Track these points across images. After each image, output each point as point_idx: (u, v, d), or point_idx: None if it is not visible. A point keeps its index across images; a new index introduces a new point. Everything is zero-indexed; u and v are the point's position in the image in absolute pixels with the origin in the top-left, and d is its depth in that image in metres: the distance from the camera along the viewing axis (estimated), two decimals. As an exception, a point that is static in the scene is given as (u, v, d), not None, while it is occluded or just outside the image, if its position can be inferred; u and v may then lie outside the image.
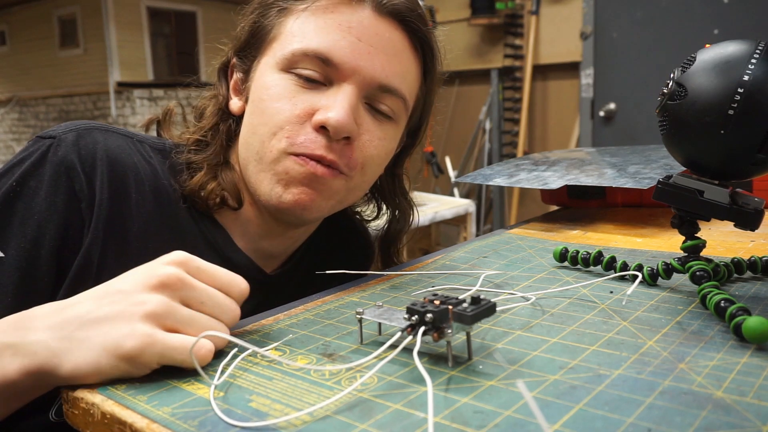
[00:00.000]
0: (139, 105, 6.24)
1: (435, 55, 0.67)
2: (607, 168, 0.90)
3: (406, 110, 0.66)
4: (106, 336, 0.40)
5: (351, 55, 0.59)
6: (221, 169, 0.66)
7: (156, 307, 0.41)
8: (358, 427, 0.33)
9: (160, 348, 0.40)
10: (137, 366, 0.40)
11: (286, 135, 0.59)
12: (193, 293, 0.43)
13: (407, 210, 0.78)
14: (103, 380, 0.40)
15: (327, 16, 0.60)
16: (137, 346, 0.39)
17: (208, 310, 0.44)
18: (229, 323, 0.45)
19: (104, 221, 0.58)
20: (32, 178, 0.57)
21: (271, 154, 0.60)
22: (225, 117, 0.68)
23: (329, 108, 0.58)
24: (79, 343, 0.40)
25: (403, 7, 0.62)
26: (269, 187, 0.61)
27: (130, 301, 0.41)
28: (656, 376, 0.36)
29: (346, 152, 0.61)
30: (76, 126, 0.61)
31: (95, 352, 0.40)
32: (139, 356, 0.39)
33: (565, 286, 0.56)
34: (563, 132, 3.71)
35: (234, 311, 0.45)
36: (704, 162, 0.48)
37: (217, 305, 0.44)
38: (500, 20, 3.75)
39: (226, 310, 0.45)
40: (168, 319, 0.41)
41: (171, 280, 0.42)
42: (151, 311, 0.41)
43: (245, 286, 0.47)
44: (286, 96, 0.60)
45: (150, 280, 0.42)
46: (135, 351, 0.39)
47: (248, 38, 0.65)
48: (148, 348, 0.39)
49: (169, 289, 0.42)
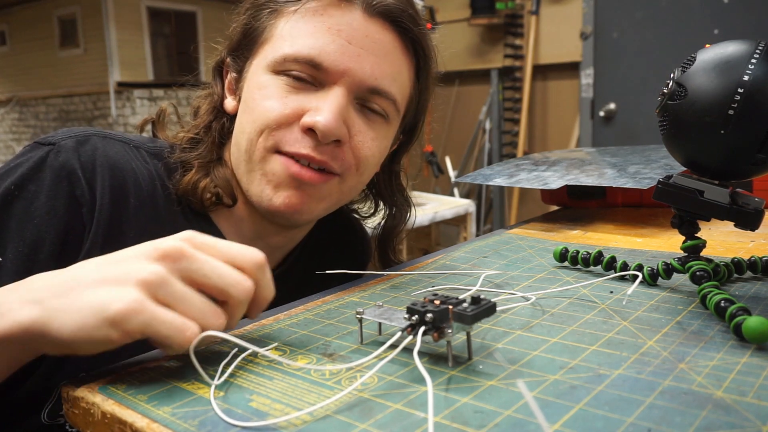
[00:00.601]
0: (139, 105, 6.24)
1: (428, 54, 0.67)
2: (607, 168, 0.90)
3: (398, 110, 0.66)
4: (95, 296, 0.39)
5: (341, 58, 0.59)
6: (213, 166, 0.66)
7: (150, 275, 0.39)
8: (358, 427, 0.33)
9: (146, 317, 0.38)
10: (120, 331, 0.38)
11: (272, 133, 0.60)
12: (194, 265, 0.41)
13: (404, 207, 0.78)
14: (87, 344, 0.38)
15: (317, 18, 0.60)
16: (122, 310, 0.38)
17: (211, 282, 0.41)
18: (240, 296, 0.42)
19: (104, 226, 0.58)
20: (31, 182, 0.57)
21: (259, 152, 0.61)
22: (219, 115, 0.68)
23: (318, 111, 0.59)
24: (71, 303, 0.39)
25: (394, 8, 0.62)
26: (259, 188, 0.62)
27: (128, 268, 0.40)
28: (656, 376, 0.36)
29: (338, 154, 0.61)
30: (75, 133, 0.61)
31: (82, 312, 0.38)
32: (123, 321, 0.38)
33: (565, 286, 0.56)
34: (563, 132, 3.71)
35: (243, 283, 0.42)
36: (704, 162, 0.48)
37: (220, 277, 0.41)
38: (500, 20, 3.75)
39: (234, 282, 0.42)
40: (160, 291, 0.39)
41: (172, 251, 0.41)
42: (144, 279, 0.39)
43: (259, 257, 0.44)
44: (275, 96, 0.60)
45: (153, 251, 0.41)
46: (119, 314, 0.38)
47: (241, 39, 0.66)
48: (133, 314, 0.38)
49: (169, 260, 0.41)
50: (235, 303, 0.42)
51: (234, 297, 0.42)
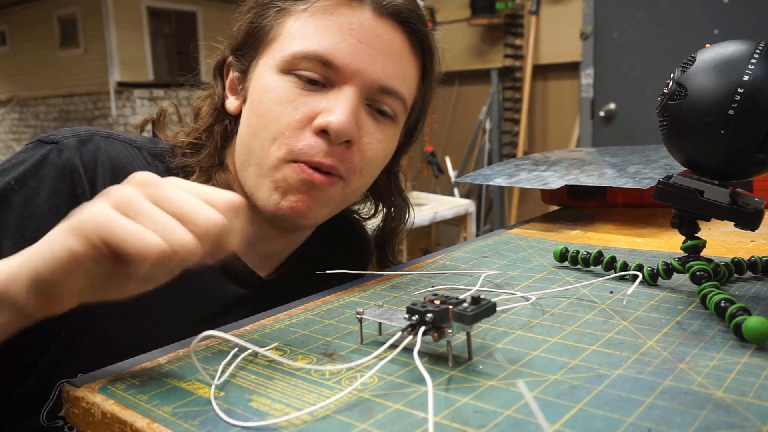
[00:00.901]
0: (139, 105, 6.24)
1: (434, 55, 0.67)
2: (607, 168, 0.90)
3: (405, 110, 0.66)
4: (70, 222, 0.38)
5: (352, 57, 0.59)
6: (215, 170, 0.66)
7: (118, 194, 0.39)
8: (358, 427, 0.33)
9: (104, 218, 0.37)
10: (78, 236, 0.37)
11: (285, 142, 0.59)
12: (162, 190, 0.39)
13: (403, 208, 0.78)
14: (51, 265, 0.38)
15: (327, 17, 0.60)
16: (83, 217, 0.37)
17: (178, 208, 0.39)
18: (207, 226, 0.39)
19: None
20: (32, 178, 0.57)
21: (270, 161, 0.60)
22: (221, 117, 0.68)
23: (330, 111, 0.58)
24: (48, 237, 0.39)
25: (403, 8, 0.62)
26: (267, 193, 0.61)
27: (100, 198, 0.39)
28: (656, 376, 0.36)
29: (346, 156, 0.60)
30: (77, 132, 0.61)
31: (56, 235, 0.38)
32: (82, 225, 0.37)
33: (565, 286, 0.56)
34: (563, 132, 3.71)
35: (212, 214, 0.39)
36: (704, 162, 0.48)
37: (190, 205, 0.39)
38: (500, 20, 3.75)
39: (201, 212, 0.39)
40: (126, 206, 0.38)
41: (144, 177, 0.40)
42: (113, 197, 0.38)
43: (235, 198, 0.41)
44: (287, 99, 0.59)
45: (126, 180, 0.40)
46: (79, 221, 0.37)
47: (245, 38, 0.65)
48: (91, 217, 0.37)
49: (137, 184, 0.40)
50: (200, 231, 0.39)
51: (200, 225, 0.38)
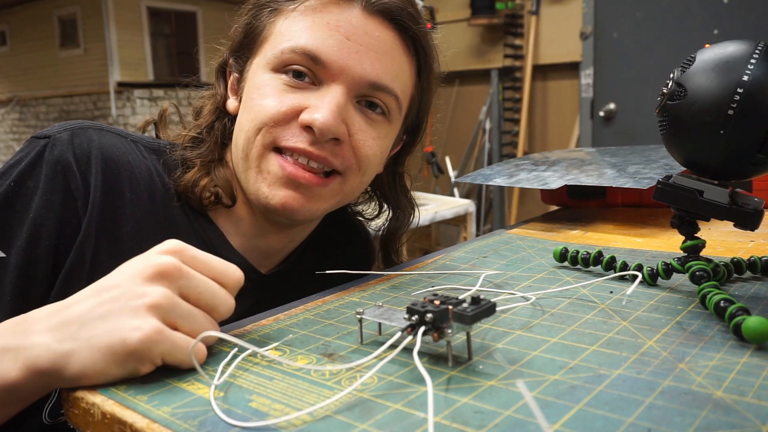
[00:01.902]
0: (140, 105, 6.24)
1: (429, 53, 0.67)
2: (607, 168, 0.90)
3: (399, 108, 0.65)
4: (112, 333, 0.39)
5: (339, 53, 0.59)
6: (215, 166, 0.66)
7: (158, 298, 0.40)
8: (358, 427, 0.33)
9: (168, 345, 0.39)
10: (143, 362, 0.39)
11: (269, 130, 0.60)
12: (190, 283, 0.42)
13: (408, 208, 0.78)
14: (109, 380, 0.39)
15: (316, 15, 0.61)
16: (144, 340, 0.38)
17: (204, 300, 0.43)
18: (225, 314, 0.44)
19: (96, 218, 0.58)
20: (30, 178, 0.57)
21: (256, 150, 0.61)
22: (222, 116, 0.68)
23: (316, 109, 0.59)
24: (84, 342, 0.39)
25: (393, 6, 0.62)
26: (255, 186, 0.62)
27: (131, 295, 0.40)
28: (656, 376, 0.36)
29: (338, 152, 0.61)
30: (71, 125, 0.61)
31: (101, 351, 0.38)
32: (146, 351, 0.39)
33: (565, 286, 0.56)
34: (563, 132, 3.71)
35: (228, 302, 0.44)
36: (704, 162, 0.48)
37: (213, 296, 0.43)
38: (500, 20, 3.75)
39: (222, 301, 0.44)
40: (170, 313, 0.40)
41: (168, 269, 0.41)
42: (154, 303, 0.40)
43: (239, 276, 0.46)
44: (273, 94, 0.60)
45: (147, 270, 0.41)
46: (142, 345, 0.38)
47: (242, 39, 0.66)
48: (155, 344, 0.39)
49: (167, 280, 0.41)
50: (218, 318, 0.44)
51: (222, 315, 0.44)
